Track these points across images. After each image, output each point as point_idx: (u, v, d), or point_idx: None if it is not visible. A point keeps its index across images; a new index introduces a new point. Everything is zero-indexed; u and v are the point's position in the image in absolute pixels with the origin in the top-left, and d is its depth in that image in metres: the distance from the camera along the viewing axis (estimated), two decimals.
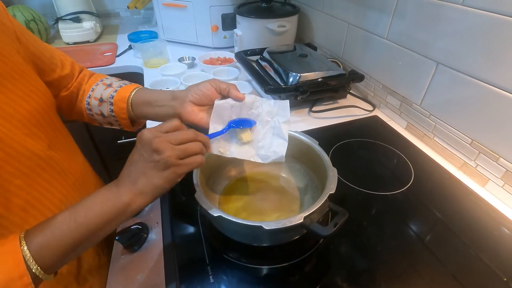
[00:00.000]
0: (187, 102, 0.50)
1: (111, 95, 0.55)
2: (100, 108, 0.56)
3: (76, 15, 1.36)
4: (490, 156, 0.60)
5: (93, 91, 0.56)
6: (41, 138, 0.44)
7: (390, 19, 0.77)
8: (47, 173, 0.44)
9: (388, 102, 0.85)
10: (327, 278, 0.46)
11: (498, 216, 0.56)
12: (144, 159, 0.37)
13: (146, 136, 0.38)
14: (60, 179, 0.47)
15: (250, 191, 0.58)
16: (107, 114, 0.56)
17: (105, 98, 0.55)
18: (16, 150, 0.39)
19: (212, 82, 0.51)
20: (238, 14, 1.12)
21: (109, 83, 0.57)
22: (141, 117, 0.57)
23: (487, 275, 0.47)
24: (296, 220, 0.40)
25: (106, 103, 0.55)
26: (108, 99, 0.55)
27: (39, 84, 0.46)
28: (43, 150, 0.43)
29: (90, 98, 0.56)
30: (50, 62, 0.52)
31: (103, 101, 0.55)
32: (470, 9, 0.57)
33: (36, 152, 0.42)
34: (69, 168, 0.50)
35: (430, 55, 0.68)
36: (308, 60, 0.92)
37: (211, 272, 0.46)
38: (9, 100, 0.40)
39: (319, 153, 0.52)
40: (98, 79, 0.59)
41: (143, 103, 0.55)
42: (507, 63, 0.53)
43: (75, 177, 0.51)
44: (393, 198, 0.60)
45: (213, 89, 0.50)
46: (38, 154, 0.42)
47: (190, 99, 0.50)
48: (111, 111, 0.55)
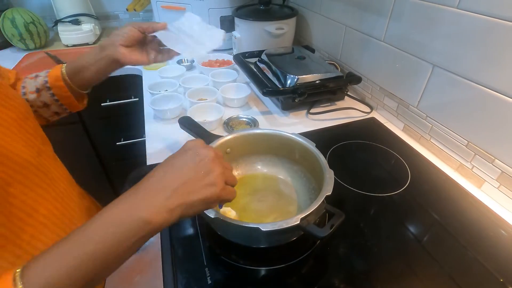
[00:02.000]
0: (118, 47, 0.53)
1: (45, 81, 0.55)
2: (41, 99, 0.55)
3: (75, 17, 1.36)
4: (485, 158, 0.60)
5: (24, 88, 0.55)
6: (30, 145, 0.43)
7: (387, 21, 0.78)
8: (41, 180, 0.43)
9: (385, 104, 0.85)
10: (324, 279, 0.47)
11: (494, 217, 0.57)
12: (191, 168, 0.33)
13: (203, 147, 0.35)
14: (53, 186, 0.46)
15: (248, 193, 0.58)
16: (50, 102, 0.56)
17: (40, 86, 0.55)
18: (9, 158, 0.38)
19: (132, 24, 0.55)
20: (236, 16, 1.12)
21: (34, 75, 0.57)
22: (84, 85, 0.57)
23: (483, 275, 0.47)
24: (293, 222, 0.40)
25: (43, 90, 0.55)
26: (43, 86, 0.55)
27: (15, 92, 0.46)
28: (34, 157, 0.43)
29: (26, 95, 0.55)
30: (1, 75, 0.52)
31: (40, 90, 0.55)
32: (465, 12, 0.58)
33: (28, 159, 0.41)
34: (57, 175, 0.49)
35: (426, 58, 0.69)
36: (306, 62, 0.93)
37: (209, 273, 0.47)
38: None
39: (316, 155, 0.53)
40: (23, 78, 0.58)
41: (78, 71, 0.55)
42: (502, 66, 0.54)
43: (64, 185, 0.50)
44: (390, 199, 0.60)
45: (135, 30, 0.55)
46: (30, 161, 0.42)
47: (119, 43, 0.53)
48: (51, 95, 0.55)
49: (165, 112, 0.83)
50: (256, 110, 0.90)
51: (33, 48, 1.33)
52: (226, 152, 0.59)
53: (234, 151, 0.60)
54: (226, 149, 0.58)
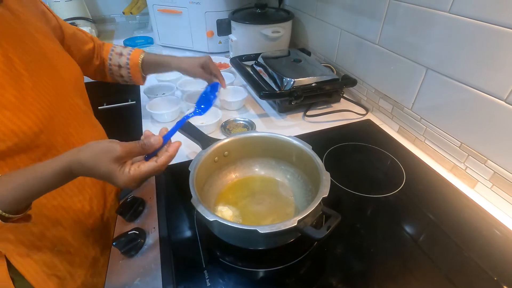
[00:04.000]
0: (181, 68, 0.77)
1: (126, 62, 0.76)
2: (121, 72, 0.78)
3: (71, 20, 1.36)
4: (478, 159, 0.61)
5: (110, 60, 0.77)
6: (82, 97, 0.60)
7: (381, 25, 0.79)
8: (87, 123, 0.60)
9: (381, 106, 0.87)
10: (322, 280, 0.47)
11: (488, 217, 0.58)
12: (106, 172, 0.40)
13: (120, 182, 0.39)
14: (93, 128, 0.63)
15: (245, 195, 0.59)
16: (125, 74, 0.78)
17: (122, 64, 0.77)
18: (69, 102, 0.54)
19: (203, 63, 0.77)
20: (233, 20, 1.13)
21: (120, 52, 0.77)
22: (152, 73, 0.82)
23: (478, 274, 0.48)
24: (290, 224, 0.41)
25: (123, 68, 0.77)
26: (125, 66, 0.77)
27: (71, 59, 0.60)
28: (82, 105, 0.59)
29: (111, 66, 0.77)
30: (81, 38, 0.70)
31: (121, 67, 0.77)
32: (457, 17, 0.59)
33: (81, 106, 0.58)
34: (96, 123, 0.66)
35: (420, 61, 0.70)
36: (302, 65, 0.94)
37: (208, 276, 0.47)
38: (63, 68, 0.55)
39: (313, 157, 0.54)
40: (109, 48, 0.77)
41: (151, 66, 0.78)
42: (493, 69, 0.55)
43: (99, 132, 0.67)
44: (385, 200, 0.61)
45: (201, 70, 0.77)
46: (80, 106, 0.58)
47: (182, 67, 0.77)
48: (128, 72, 0.78)
49: (162, 115, 0.83)
50: (253, 113, 0.91)
51: None
52: (224, 155, 0.59)
53: (231, 154, 0.60)
54: (224, 152, 0.59)
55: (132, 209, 0.57)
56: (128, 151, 0.39)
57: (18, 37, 0.47)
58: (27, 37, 0.49)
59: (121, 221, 0.58)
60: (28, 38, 0.49)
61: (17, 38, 0.47)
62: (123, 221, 0.58)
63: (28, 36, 0.49)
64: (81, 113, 0.58)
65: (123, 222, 0.58)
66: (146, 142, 0.41)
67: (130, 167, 0.40)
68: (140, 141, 0.41)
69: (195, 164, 0.52)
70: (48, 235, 0.51)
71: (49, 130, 0.48)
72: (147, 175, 0.40)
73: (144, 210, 0.59)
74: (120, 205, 0.58)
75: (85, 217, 0.57)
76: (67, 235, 0.54)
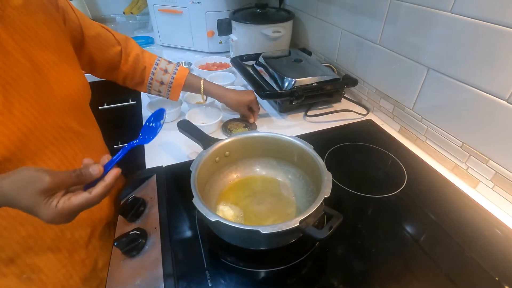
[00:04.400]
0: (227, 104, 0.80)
1: (170, 81, 0.74)
2: (160, 88, 0.75)
3: None
4: (480, 159, 0.61)
5: (153, 74, 0.73)
6: (76, 117, 0.53)
7: (382, 25, 0.79)
8: (76, 145, 0.53)
9: (382, 106, 0.87)
10: (324, 280, 0.47)
11: (489, 217, 0.58)
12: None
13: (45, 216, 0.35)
14: (86, 153, 0.55)
15: (247, 195, 0.59)
16: (164, 93, 0.76)
17: (165, 82, 0.74)
18: (56, 122, 0.48)
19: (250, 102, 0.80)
20: (233, 19, 1.13)
21: (164, 68, 0.74)
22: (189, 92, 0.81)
23: (479, 274, 0.48)
24: (292, 224, 0.41)
25: (165, 86, 0.75)
26: (168, 84, 0.75)
27: (82, 75, 0.55)
28: (76, 127, 0.53)
29: (152, 80, 0.74)
30: (106, 41, 0.65)
31: (163, 84, 0.75)
32: (459, 17, 0.59)
33: (71, 126, 0.51)
34: (95, 147, 0.59)
35: (421, 61, 0.70)
36: (303, 65, 0.94)
37: (209, 276, 0.47)
38: (59, 82, 0.49)
39: (314, 157, 0.53)
40: (153, 61, 0.74)
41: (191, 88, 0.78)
42: (494, 69, 0.55)
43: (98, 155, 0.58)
44: (387, 200, 0.61)
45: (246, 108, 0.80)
46: (72, 128, 0.52)
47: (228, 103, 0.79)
48: (168, 91, 0.76)
49: None
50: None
51: None
52: (225, 155, 0.59)
53: (233, 154, 0.60)
54: (225, 152, 0.59)
55: (133, 209, 0.57)
56: (58, 182, 0.35)
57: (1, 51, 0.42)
58: (15, 49, 0.43)
59: (122, 221, 0.58)
60: (16, 51, 0.44)
61: None
62: (124, 221, 0.58)
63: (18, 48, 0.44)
64: (71, 136, 0.51)
65: (124, 222, 0.58)
66: (83, 172, 0.37)
67: (59, 199, 0.35)
68: (76, 170, 0.37)
69: (196, 164, 0.52)
70: (18, 261, 0.48)
71: (18, 157, 0.43)
72: (78, 208, 0.36)
73: (145, 210, 0.59)
74: (121, 206, 0.58)
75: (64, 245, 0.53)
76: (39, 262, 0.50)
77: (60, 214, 0.35)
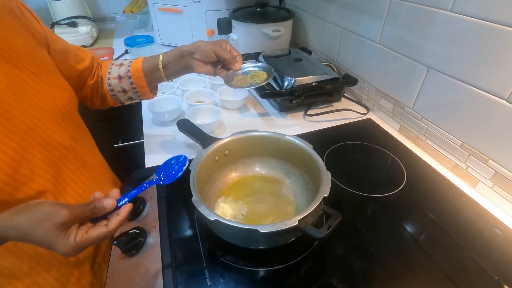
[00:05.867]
0: (194, 59, 0.60)
1: (127, 70, 0.63)
2: (121, 85, 0.63)
3: (72, 19, 1.36)
4: (479, 158, 0.61)
5: (109, 73, 0.64)
6: (67, 131, 0.49)
7: (382, 24, 0.79)
8: (71, 163, 0.49)
9: (382, 105, 0.86)
10: (323, 279, 0.47)
11: (489, 216, 0.58)
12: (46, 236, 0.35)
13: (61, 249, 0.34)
14: (83, 170, 0.52)
15: (246, 195, 0.59)
16: (128, 88, 0.64)
17: (122, 74, 0.63)
18: (45, 140, 0.44)
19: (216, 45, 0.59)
20: (233, 18, 1.13)
21: (120, 63, 0.65)
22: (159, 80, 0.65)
23: (478, 274, 0.48)
24: (291, 223, 0.41)
25: (125, 78, 0.63)
26: (125, 74, 0.63)
27: (65, 82, 0.51)
28: (68, 141, 0.49)
29: (110, 80, 0.64)
30: (75, 56, 0.59)
31: (122, 77, 0.63)
32: (459, 16, 0.59)
33: (61, 143, 0.47)
34: (90, 162, 0.55)
35: (421, 60, 0.70)
36: (303, 64, 0.94)
37: (209, 275, 0.47)
38: (41, 95, 0.45)
39: (313, 157, 0.53)
40: (109, 63, 0.66)
41: (157, 68, 0.62)
42: (495, 68, 0.55)
43: (96, 171, 0.57)
44: (386, 200, 0.61)
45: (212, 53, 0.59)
46: (63, 144, 0.48)
47: (195, 57, 0.60)
48: (131, 83, 0.63)
49: (163, 114, 0.83)
50: (254, 112, 0.90)
51: None
52: (225, 154, 0.59)
53: (232, 153, 0.60)
54: (225, 151, 0.59)
55: (133, 208, 0.57)
56: (75, 215, 0.35)
57: None
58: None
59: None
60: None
61: None
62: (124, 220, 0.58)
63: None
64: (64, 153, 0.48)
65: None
66: (97, 205, 0.37)
67: (76, 232, 0.35)
68: (91, 204, 0.37)
69: (196, 163, 0.52)
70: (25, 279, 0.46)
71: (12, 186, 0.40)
72: (95, 241, 0.36)
73: (144, 209, 0.59)
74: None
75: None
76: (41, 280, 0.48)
77: (77, 247, 0.35)
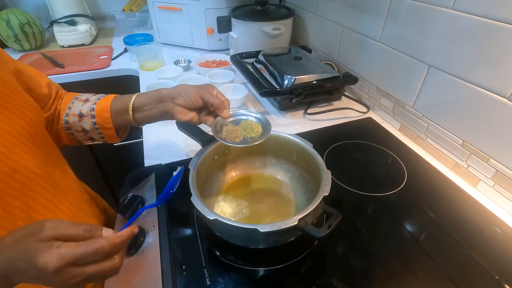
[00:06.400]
0: (176, 106, 0.52)
1: (91, 108, 0.53)
2: (81, 124, 0.54)
3: (71, 18, 1.36)
4: (480, 157, 0.61)
5: (70, 109, 0.54)
6: (37, 154, 0.43)
7: (382, 22, 0.78)
8: (47, 191, 0.44)
9: (382, 104, 0.86)
10: (323, 279, 0.47)
11: (489, 215, 0.57)
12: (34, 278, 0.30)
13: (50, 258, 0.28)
14: (60, 197, 0.46)
15: (246, 194, 0.58)
16: (90, 128, 0.54)
17: (84, 112, 0.53)
18: (14, 170, 0.39)
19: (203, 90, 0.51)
20: (233, 17, 1.12)
21: (85, 98, 0.56)
22: (128, 124, 0.56)
23: (479, 273, 0.48)
24: (291, 223, 0.40)
25: (87, 117, 0.53)
26: (88, 113, 0.53)
27: (30, 100, 0.45)
28: (40, 167, 0.43)
29: (68, 116, 0.54)
30: (29, 80, 0.50)
31: (83, 115, 0.53)
32: (460, 13, 0.58)
33: (33, 170, 0.42)
34: (66, 185, 0.49)
35: (422, 58, 0.69)
36: (303, 62, 0.93)
37: (208, 274, 0.47)
38: (5, 117, 0.39)
39: (314, 156, 0.53)
40: (72, 97, 0.57)
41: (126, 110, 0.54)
42: (496, 66, 0.54)
43: (73, 194, 0.51)
44: (386, 199, 0.61)
45: (199, 99, 0.51)
46: (35, 171, 0.42)
47: (178, 103, 0.51)
48: (93, 124, 0.54)
49: None
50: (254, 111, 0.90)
51: (28, 49, 1.32)
52: (224, 153, 0.59)
53: (232, 152, 0.60)
54: (224, 150, 0.59)
55: (132, 207, 0.56)
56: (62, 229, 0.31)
57: None
58: None
59: (120, 219, 0.58)
60: None
61: None
62: (123, 220, 0.57)
63: None
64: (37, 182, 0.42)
65: (122, 220, 0.57)
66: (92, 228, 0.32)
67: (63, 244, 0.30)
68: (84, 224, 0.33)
69: (195, 162, 0.52)
70: None
71: None
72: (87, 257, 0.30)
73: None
74: (120, 204, 0.58)
75: None
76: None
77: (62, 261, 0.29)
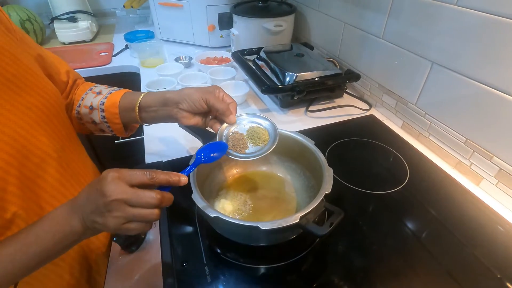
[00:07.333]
0: (180, 110, 0.51)
1: (102, 102, 0.55)
2: (91, 116, 0.56)
3: (71, 14, 1.35)
4: (484, 155, 0.60)
5: (82, 100, 0.56)
6: (54, 138, 0.44)
7: (385, 19, 0.77)
8: (60, 175, 0.45)
9: (384, 101, 0.85)
10: (324, 277, 0.47)
11: (492, 214, 0.57)
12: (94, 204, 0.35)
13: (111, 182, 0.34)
14: (73, 182, 0.48)
15: (247, 191, 0.58)
16: (99, 121, 0.56)
17: (95, 105, 0.55)
18: (30, 151, 0.40)
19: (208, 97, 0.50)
20: (234, 13, 1.11)
21: (98, 91, 0.57)
22: (135, 121, 0.56)
23: (481, 272, 0.47)
24: (292, 220, 0.40)
25: (96, 110, 0.55)
26: (98, 106, 0.55)
27: (50, 85, 0.47)
28: (57, 151, 0.44)
29: (80, 107, 0.56)
30: (50, 66, 0.52)
31: (94, 108, 0.55)
32: (464, 9, 0.57)
33: (49, 153, 0.43)
34: (80, 171, 0.51)
35: (425, 55, 0.68)
36: (304, 59, 0.92)
37: (208, 272, 0.47)
38: (24, 100, 0.40)
39: (315, 153, 0.53)
40: (87, 88, 0.58)
41: (134, 109, 0.54)
42: (500, 63, 0.54)
43: (85, 180, 0.52)
44: (388, 197, 0.60)
45: (203, 103, 0.50)
46: (51, 154, 0.43)
47: (183, 108, 0.51)
48: (102, 117, 0.55)
49: None
50: (255, 108, 0.90)
51: None
52: None
53: None
54: None
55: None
56: (128, 174, 0.35)
57: None
58: None
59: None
60: None
61: None
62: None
63: None
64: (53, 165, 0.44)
65: None
66: (158, 174, 0.36)
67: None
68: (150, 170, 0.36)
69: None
70: None
71: None
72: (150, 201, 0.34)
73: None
74: None
75: None
76: None
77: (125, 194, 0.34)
